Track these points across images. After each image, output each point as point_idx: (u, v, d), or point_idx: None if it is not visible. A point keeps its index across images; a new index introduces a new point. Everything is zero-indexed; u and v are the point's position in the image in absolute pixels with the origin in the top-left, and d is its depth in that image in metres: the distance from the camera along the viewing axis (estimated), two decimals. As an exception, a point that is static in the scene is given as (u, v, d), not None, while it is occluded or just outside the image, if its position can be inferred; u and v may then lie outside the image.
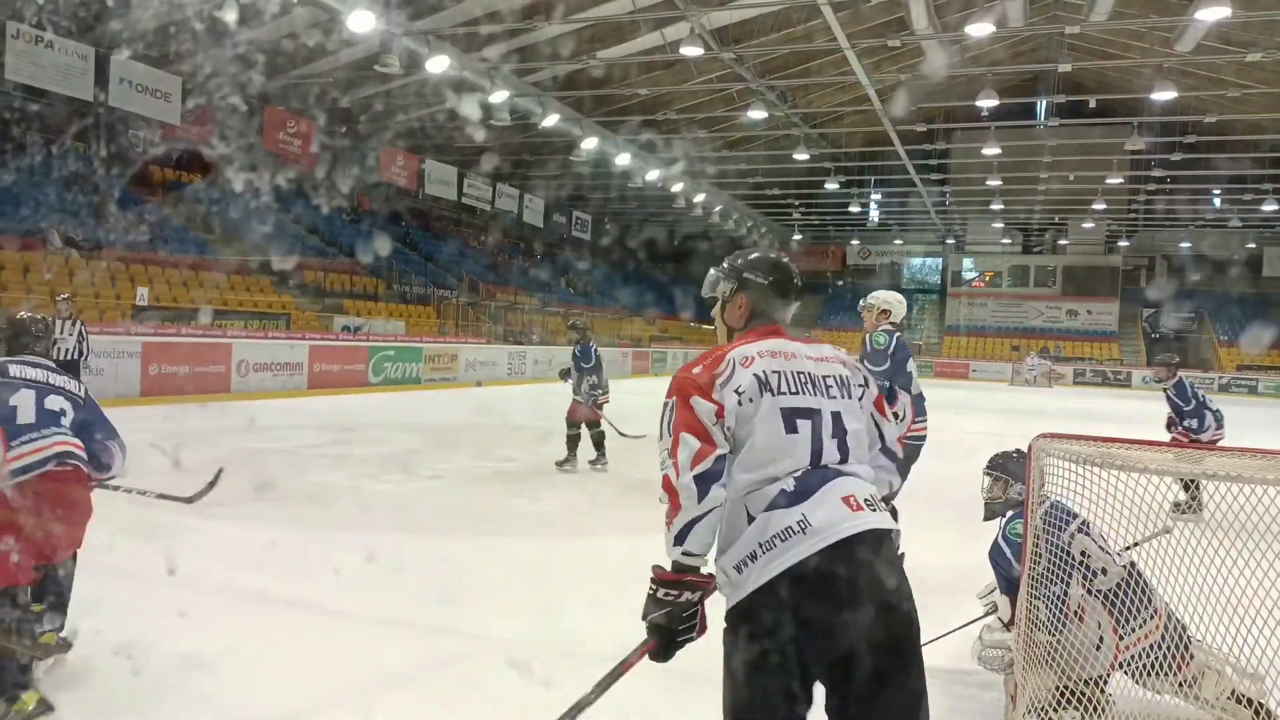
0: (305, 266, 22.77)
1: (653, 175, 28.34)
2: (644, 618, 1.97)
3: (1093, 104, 22.72)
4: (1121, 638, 2.94)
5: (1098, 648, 2.92)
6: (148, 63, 17.99)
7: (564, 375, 8.87)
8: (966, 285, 43.95)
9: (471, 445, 10.41)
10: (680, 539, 1.93)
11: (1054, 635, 2.90)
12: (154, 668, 3.28)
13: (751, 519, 1.91)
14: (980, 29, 16.07)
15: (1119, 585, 2.98)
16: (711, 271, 2.33)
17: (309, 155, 24.03)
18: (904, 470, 3.50)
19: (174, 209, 21.13)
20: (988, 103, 19.88)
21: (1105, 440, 2.82)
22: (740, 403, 1.97)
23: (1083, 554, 3.02)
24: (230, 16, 13.57)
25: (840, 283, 46.13)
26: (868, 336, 5.05)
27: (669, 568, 1.96)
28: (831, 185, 30.71)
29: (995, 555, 3.33)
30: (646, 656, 1.99)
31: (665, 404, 2.03)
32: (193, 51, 17.80)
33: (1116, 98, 22.39)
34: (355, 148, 24.86)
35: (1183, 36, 17.23)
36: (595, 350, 8.94)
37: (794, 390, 2.02)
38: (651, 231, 41.18)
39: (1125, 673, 3.01)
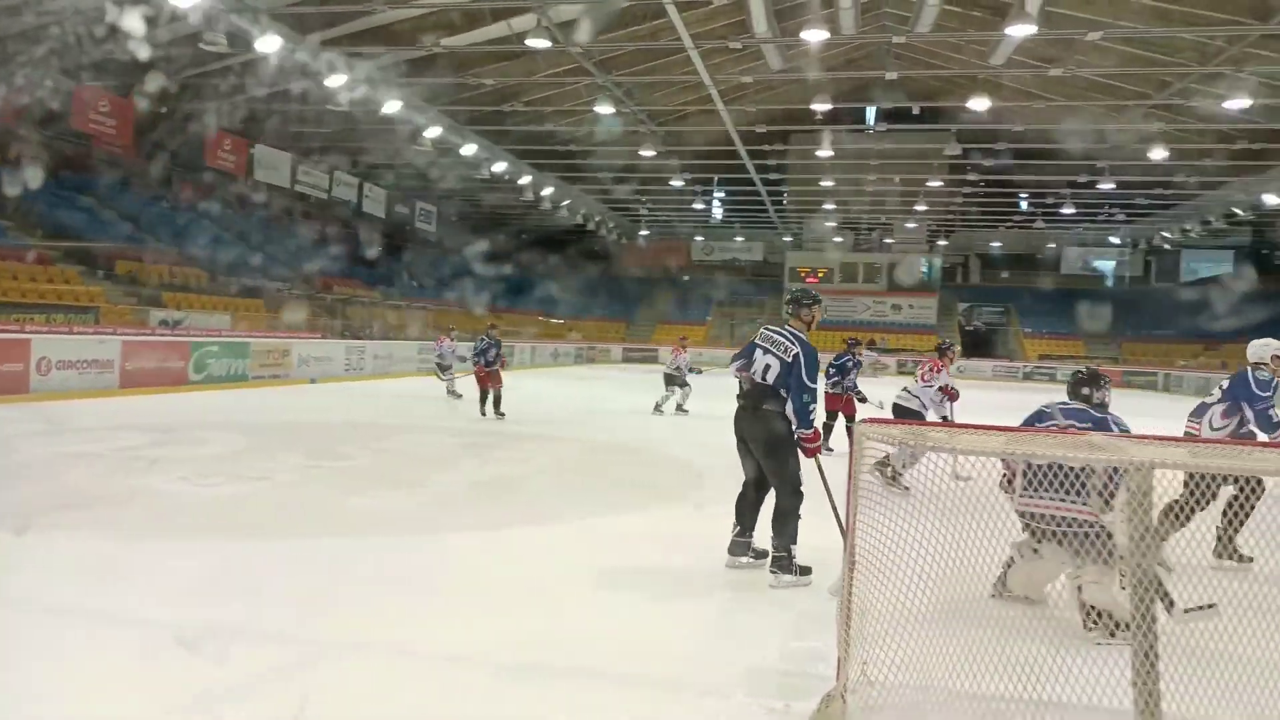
0: (118, 256, 21.05)
1: (500, 167, 27.97)
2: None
3: (916, 111, 24.24)
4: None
5: None
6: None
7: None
8: (801, 281, 45.94)
9: (305, 444, 9.93)
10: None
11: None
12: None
13: None
14: (816, 35, 16.79)
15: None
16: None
17: (125, 136, 22.25)
18: None
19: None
20: (822, 106, 20.81)
21: (919, 424, 3.01)
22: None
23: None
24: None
25: (686, 278, 47.16)
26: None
27: None
28: (677, 182, 31.35)
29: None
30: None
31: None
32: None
33: (938, 105, 23.95)
34: (178, 129, 23.19)
35: (996, 51, 18.64)
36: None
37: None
38: (499, 223, 40.68)
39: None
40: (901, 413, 8.46)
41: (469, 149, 25.36)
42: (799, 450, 4.87)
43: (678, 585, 4.87)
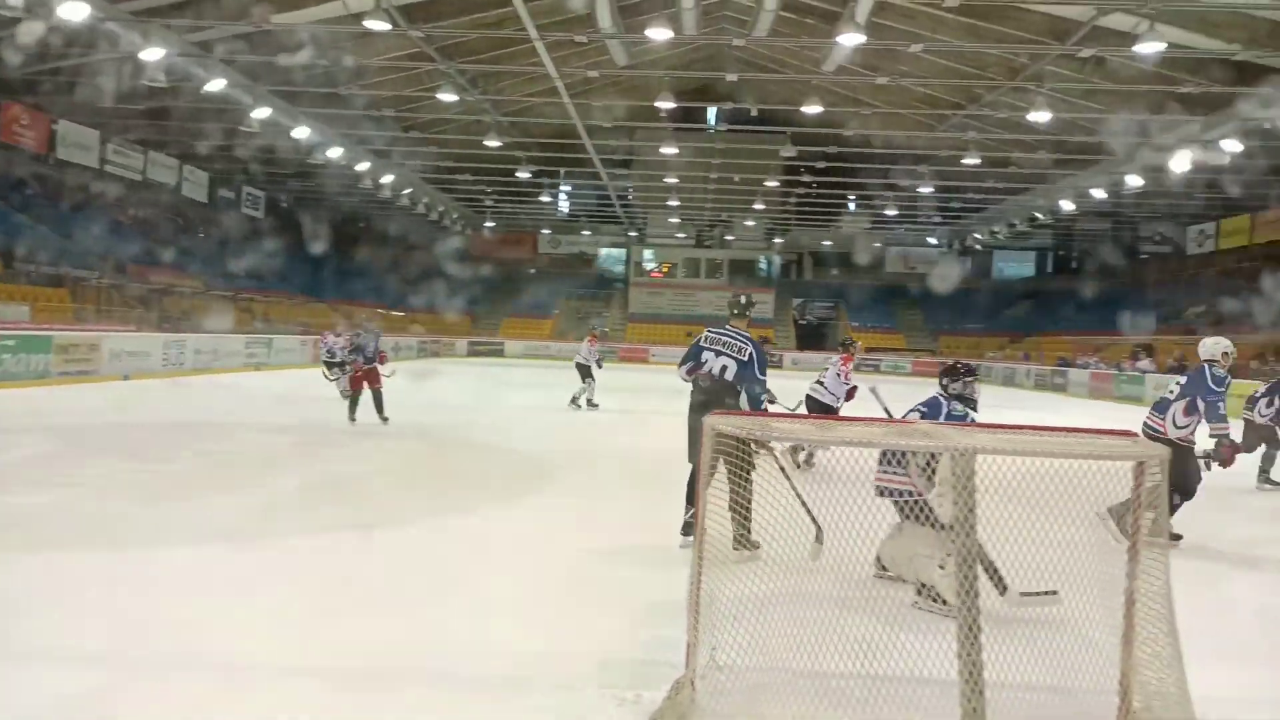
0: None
1: (335, 152, 26.77)
2: None
3: (755, 113, 25.07)
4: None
5: None
6: None
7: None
8: (647, 276, 46.73)
9: (119, 448, 9.14)
10: None
11: None
12: None
13: None
14: (659, 33, 17.03)
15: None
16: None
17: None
18: None
19: None
20: (666, 104, 21.15)
21: (762, 415, 3.11)
22: None
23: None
24: None
25: (532, 271, 46.87)
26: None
27: None
28: (523, 174, 31.03)
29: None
30: None
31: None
32: None
33: (775, 109, 24.85)
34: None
35: (828, 58, 19.54)
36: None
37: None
38: (335, 212, 38.94)
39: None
40: (816, 407, 8.98)
41: (301, 132, 24.10)
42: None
43: (525, 582, 4.83)
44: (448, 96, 21.44)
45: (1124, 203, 28.98)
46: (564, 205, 42.76)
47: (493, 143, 25.44)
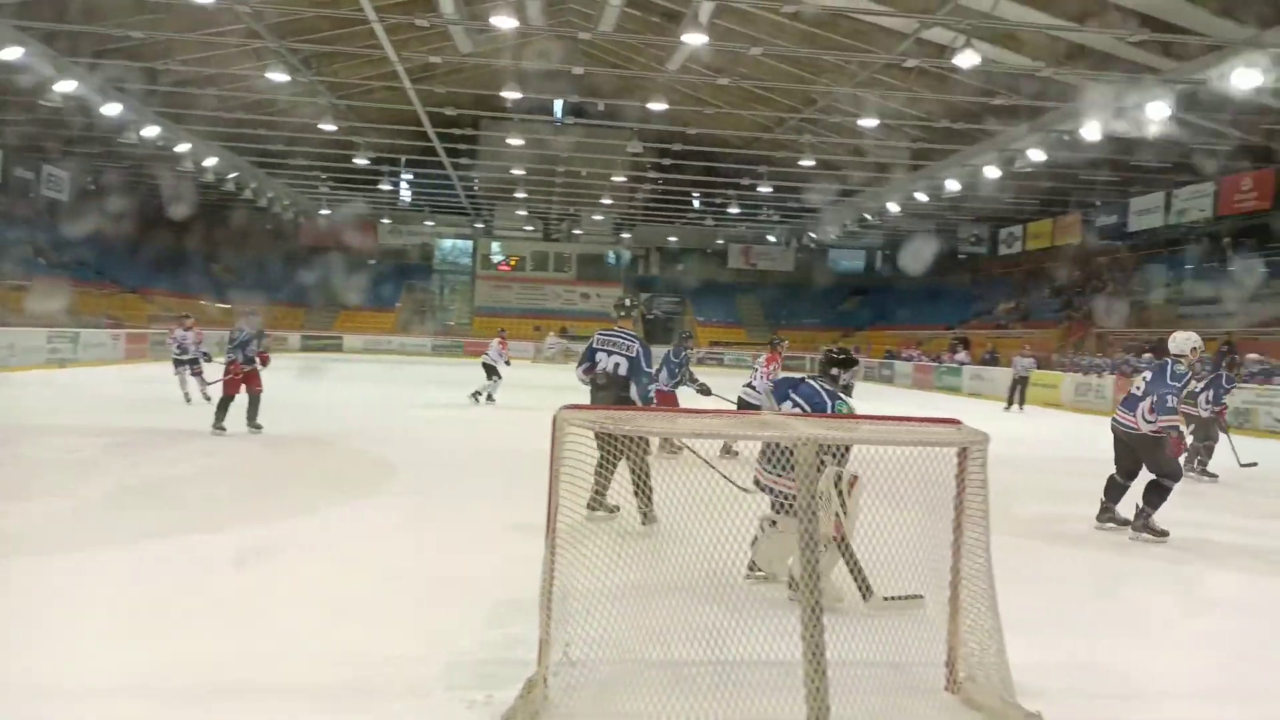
0: None
1: (151, 131, 24.80)
2: None
3: (601, 107, 25.16)
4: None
5: None
6: None
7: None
8: (494, 269, 46.05)
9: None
10: None
11: None
12: None
13: None
14: (503, 22, 16.77)
15: None
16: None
17: None
18: None
19: None
20: (512, 95, 20.89)
21: (613, 408, 3.12)
22: None
23: None
24: None
25: (372, 261, 45.17)
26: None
27: None
28: (361, 160, 29.83)
29: None
30: None
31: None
32: None
33: (621, 104, 25.00)
34: None
35: (672, 56, 19.85)
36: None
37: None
38: (151, 196, 36.08)
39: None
40: (746, 408, 9.21)
41: (112, 109, 22.16)
42: None
43: (370, 585, 4.65)
44: (278, 76, 20.30)
45: (943, 205, 31.08)
46: (406, 194, 41.40)
47: (328, 126, 24.31)
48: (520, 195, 37.04)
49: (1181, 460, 6.80)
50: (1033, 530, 6.67)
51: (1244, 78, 15.06)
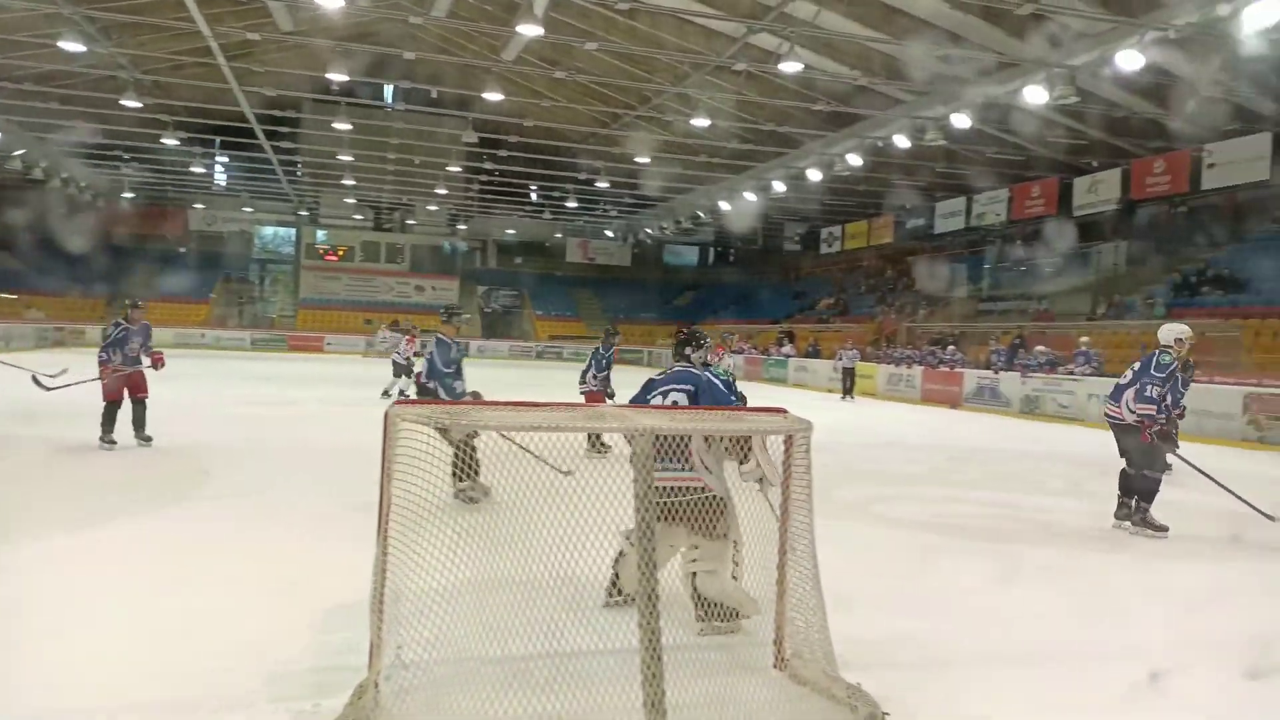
0: None
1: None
2: None
3: (435, 94, 24.49)
4: None
5: None
6: None
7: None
8: (320, 258, 43.92)
9: None
10: None
11: None
12: None
13: None
14: (327, 1, 16.04)
15: None
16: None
17: None
18: None
19: None
20: (338, 77, 20.00)
21: (453, 403, 3.06)
22: None
23: None
24: None
25: (183, 249, 42.03)
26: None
27: None
28: (170, 141, 27.67)
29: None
30: None
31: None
32: None
33: (456, 92, 24.45)
34: None
35: (507, 46, 19.61)
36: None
37: None
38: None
39: None
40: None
41: None
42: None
43: (180, 597, 4.34)
44: (73, 46, 18.49)
45: (771, 205, 32.39)
46: (221, 178, 38.76)
47: (131, 103, 22.37)
48: (349, 182, 35.46)
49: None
50: (852, 512, 7.09)
51: (1034, 94, 16.60)
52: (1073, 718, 3.38)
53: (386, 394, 15.46)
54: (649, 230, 43.13)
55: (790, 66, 16.47)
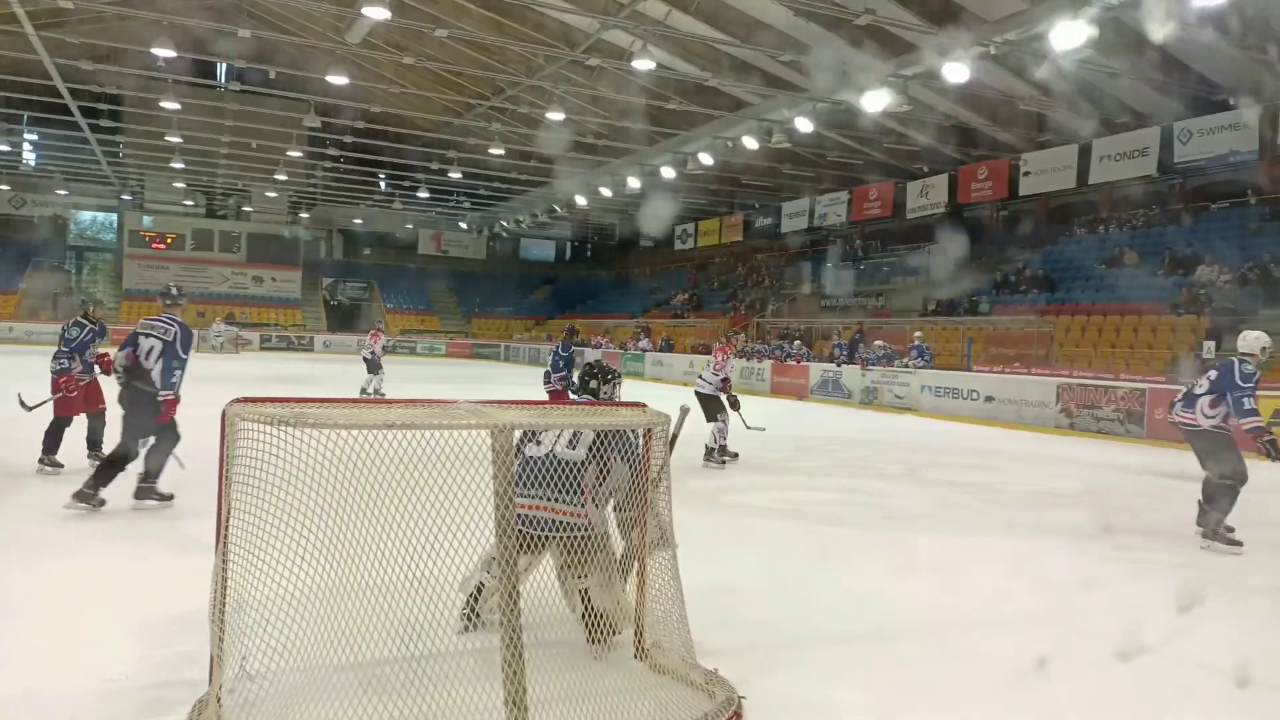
0: None
1: None
2: None
3: (273, 75, 23.21)
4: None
5: None
6: None
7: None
8: (146, 246, 40.83)
9: None
10: None
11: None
12: None
13: None
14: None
15: None
16: None
17: None
18: None
19: None
20: (165, 53, 18.68)
21: (297, 401, 2.93)
22: None
23: None
24: None
25: (-17, 235, 38.15)
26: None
27: None
28: (-34, 115, 25.01)
29: None
30: None
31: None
32: None
33: (296, 74, 23.28)
34: None
35: (352, 28, 18.86)
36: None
37: None
38: None
39: None
40: (703, 399, 9.47)
41: None
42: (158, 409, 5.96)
43: (-9, 615, 3.95)
44: None
45: (626, 201, 32.67)
46: (31, 157, 35.36)
47: (-80, 71, 20.08)
48: (177, 165, 33.06)
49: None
50: (703, 501, 7.27)
51: (871, 101, 17.50)
52: (925, 696, 3.56)
53: (364, 392, 15.09)
54: (504, 224, 42.58)
55: (642, 64, 16.66)
